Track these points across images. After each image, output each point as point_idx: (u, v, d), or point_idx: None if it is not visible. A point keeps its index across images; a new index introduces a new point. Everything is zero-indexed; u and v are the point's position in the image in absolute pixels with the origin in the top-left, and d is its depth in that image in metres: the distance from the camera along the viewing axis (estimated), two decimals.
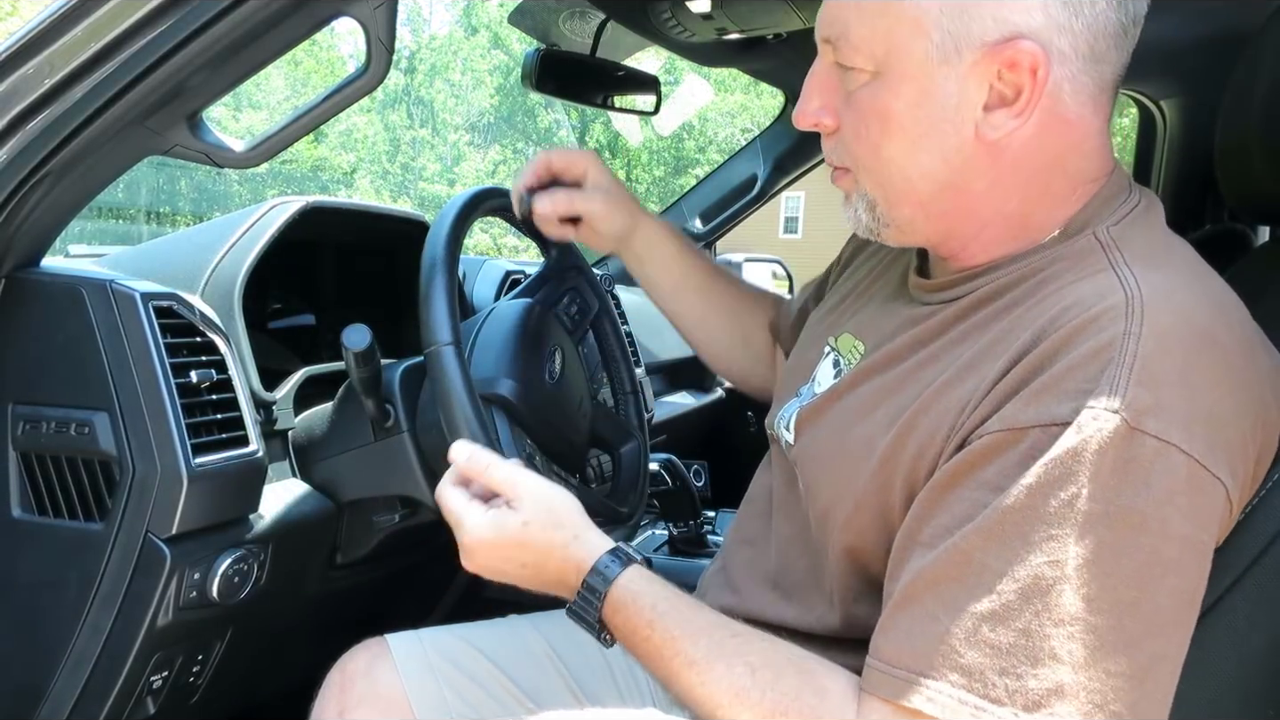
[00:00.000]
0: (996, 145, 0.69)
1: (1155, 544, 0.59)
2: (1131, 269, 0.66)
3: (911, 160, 0.71)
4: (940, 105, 0.69)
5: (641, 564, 0.75)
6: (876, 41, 0.69)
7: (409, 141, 22.02)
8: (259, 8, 0.82)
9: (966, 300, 0.74)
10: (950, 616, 0.61)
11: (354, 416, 1.17)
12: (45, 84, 0.85)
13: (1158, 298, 0.63)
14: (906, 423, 0.71)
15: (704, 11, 1.57)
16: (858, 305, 0.90)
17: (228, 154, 0.95)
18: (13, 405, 1.02)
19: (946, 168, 0.71)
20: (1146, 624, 0.59)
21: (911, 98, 0.69)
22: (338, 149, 19.80)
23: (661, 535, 1.72)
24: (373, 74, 0.90)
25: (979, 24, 0.66)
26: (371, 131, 20.92)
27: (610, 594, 0.73)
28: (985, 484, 0.63)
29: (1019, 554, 0.60)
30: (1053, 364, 0.63)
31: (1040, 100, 0.67)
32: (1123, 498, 0.58)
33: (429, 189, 20.51)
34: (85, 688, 1.02)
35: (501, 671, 0.96)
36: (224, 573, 1.04)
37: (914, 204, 0.74)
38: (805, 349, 0.93)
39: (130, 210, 9.45)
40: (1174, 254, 0.71)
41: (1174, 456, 0.59)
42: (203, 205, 14.02)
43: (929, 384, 0.71)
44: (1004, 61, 0.66)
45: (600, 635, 0.75)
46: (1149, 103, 2.04)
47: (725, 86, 18.45)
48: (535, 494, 0.78)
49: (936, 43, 0.67)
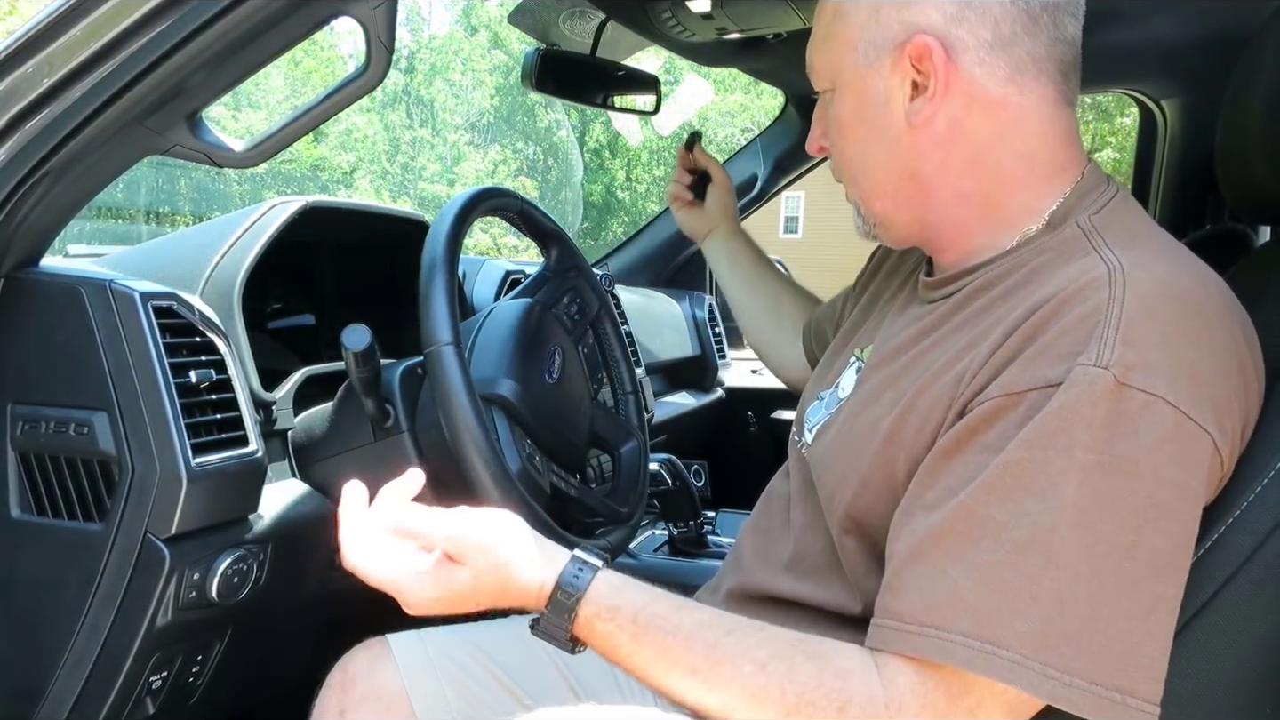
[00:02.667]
0: (928, 128, 0.78)
1: (1148, 489, 0.62)
2: (1113, 250, 0.71)
3: (867, 156, 0.82)
4: (874, 104, 0.79)
5: (605, 567, 0.72)
6: (828, 64, 0.83)
7: (409, 141, 22.00)
8: (259, 7, 0.82)
9: (962, 293, 0.79)
10: (959, 569, 0.64)
11: (354, 416, 1.17)
12: (44, 83, 0.84)
13: (1138, 268, 0.68)
14: (908, 403, 0.74)
15: (704, 11, 1.57)
16: (881, 316, 0.95)
17: (227, 154, 0.95)
18: (12, 405, 1.02)
19: (893, 157, 0.80)
20: (1144, 565, 0.62)
21: (853, 103, 0.81)
22: (337, 149, 19.78)
23: (661, 535, 1.72)
24: (372, 74, 0.90)
25: (889, 30, 0.77)
26: (371, 131, 20.90)
27: (580, 611, 0.70)
28: (987, 447, 0.66)
29: (1020, 504, 0.63)
30: (1044, 332, 0.67)
31: (952, 83, 0.76)
32: (1115, 447, 0.62)
33: (429, 189, 20.49)
34: (84, 688, 1.02)
35: (503, 670, 0.96)
36: (224, 573, 1.04)
37: (881, 197, 0.83)
38: (832, 357, 0.99)
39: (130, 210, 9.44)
40: (1153, 235, 0.76)
41: (1161, 408, 0.62)
42: (202, 205, 14.00)
43: (929, 368, 0.75)
44: (912, 56, 0.76)
45: (573, 651, 0.72)
46: (1149, 103, 2.04)
47: (725, 86, 18.43)
48: (479, 541, 0.73)
49: (861, 53, 0.79)
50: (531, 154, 22.92)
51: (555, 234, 1.31)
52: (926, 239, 0.84)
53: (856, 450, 0.78)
